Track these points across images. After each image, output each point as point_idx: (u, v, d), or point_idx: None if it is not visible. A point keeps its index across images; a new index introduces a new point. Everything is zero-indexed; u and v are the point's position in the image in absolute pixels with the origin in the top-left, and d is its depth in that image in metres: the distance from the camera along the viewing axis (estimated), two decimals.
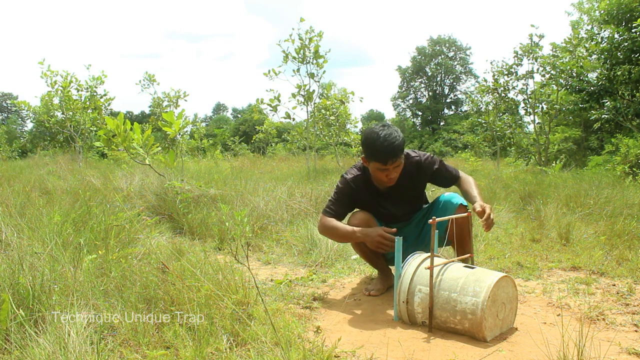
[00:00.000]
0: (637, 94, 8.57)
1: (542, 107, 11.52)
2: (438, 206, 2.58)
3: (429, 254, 2.26)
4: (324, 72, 9.48)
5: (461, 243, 2.50)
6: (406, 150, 2.54)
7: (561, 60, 10.04)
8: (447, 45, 45.08)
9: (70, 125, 11.92)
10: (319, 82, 9.56)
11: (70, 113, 11.73)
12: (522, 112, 12.83)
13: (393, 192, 2.58)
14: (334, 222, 2.54)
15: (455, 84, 45.56)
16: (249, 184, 5.81)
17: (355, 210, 2.63)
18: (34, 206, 3.79)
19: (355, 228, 2.47)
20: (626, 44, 8.57)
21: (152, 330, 1.90)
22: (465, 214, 2.34)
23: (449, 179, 2.59)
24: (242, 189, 5.26)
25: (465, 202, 2.51)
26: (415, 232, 2.69)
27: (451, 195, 2.57)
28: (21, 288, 1.96)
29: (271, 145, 20.59)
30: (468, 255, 2.36)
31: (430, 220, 2.13)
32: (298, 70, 9.42)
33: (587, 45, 9.66)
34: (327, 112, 11.08)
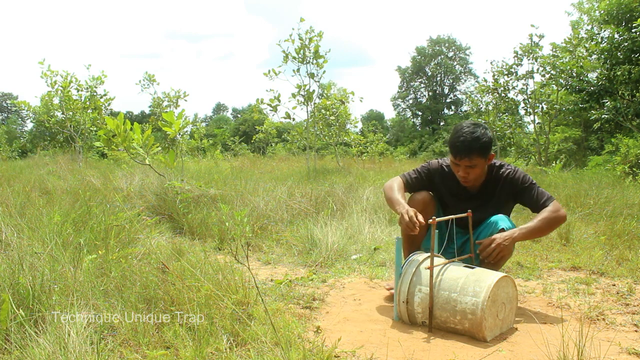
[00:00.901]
0: (637, 94, 8.57)
1: (542, 107, 11.52)
2: (486, 224, 2.51)
3: (429, 253, 2.27)
4: (324, 72, 9.49)
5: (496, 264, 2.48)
6: (501, 161, 2.52)
7: (561, 60, 10.04)
8: (446, 45, 45.10)
9: (70, 125, 11.92)
10: (319, 82, 9.56)
11: (70, 113, 11.73)
12: (522, 112, 12.84)
13: (477, 196, 2.50)
14: (397, 185, 2.50)
15: (455, 84, 45.59)
16: (249, 184, 5.81)
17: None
18: (34, 206, 3.79)
19: (402, 202, 2.39)
20: (626, 44, 8.57)
21: (152, 330, 1.90)
22: (465, 214, 2.33)
23: (535, 202, 2.42)
24: (242, 189, 5.26)
25: (507, 227, 2.38)
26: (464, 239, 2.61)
27: (500, 217, 2.44)
28: (21, 288, 1.96)
29: (271, 145, 20.60)
30: (468, 255, 2.36)
31: (430, 220, 2.12)
32: (298, 70, 9.42)
33: (587, 45, 9.66)
34: (327, 112, 11.08)
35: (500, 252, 2.26)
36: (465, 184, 2.47)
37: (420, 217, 2.25)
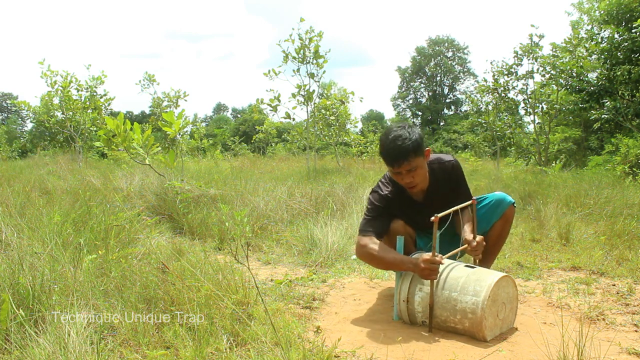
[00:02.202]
0: (637, 94, 8.57)
1: (542, 107, 11.53)
2: (489, 204, 2.45)
3: (429, 253, 2.27)
4: (324, 72, 9.51)
5: (497, 243, 2.51)
6: (438, 155, 2.43)
7: (561, 60, 10.04)
8: (446, 45, 45.14)
9: (70, 125, 11.93)
10: (319, 82, 9.58)
11: (70, 113, 11.73)
12: (522, 112, 12.85)
13: (428, 200, 2.40)
14: (376, 246, 2.27)
15: (454, 83, 45.62)
16: (249, 184, 5.81)
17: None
18: (34, 206, 3.79)
19: (404, 257, 2.22)
20: (626, 44, 8.58)
21: (152, 330, 1.90)
22: (470, 202, 2.30)
23: (467, 195, 2.41)
24: (242, 189, 5.26)
25: (514, 203, 2.45)
26: (449, 233, 2.56)
27: (502, 194, 2.45)
28: (21, 288, 1.96)
29: (271, 145, 20.62)
30: (464, 246, 2.30)
31: (433, 218, 2.08)
32: (298, 70, 9.43)
33: (587, 45, 9.66)
34: (327, 112, 11.09)
35: (480, 252, 2.27)
36: (413, 189, 2.33)
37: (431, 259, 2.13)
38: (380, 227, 2.36)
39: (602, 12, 9.98)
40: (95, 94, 12.14)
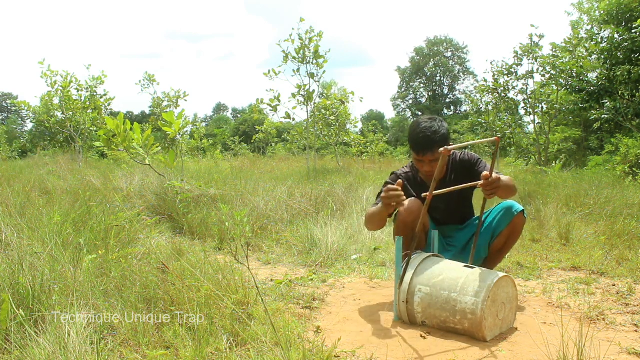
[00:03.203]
0: (637, 94, 8.58)
1: (542, 107, 11.52)
2: (496, 211, 2.49)
3: (429, 253, 2.27)
4: (324, 72, 9.51)
5: (501, 251, 2.52)
6: (454, 151, 2.51)
7: (561, 60, 10.04)
8: (444, 45, 45.16)
9: (70, 125, 11.93)
10: (319, 82, 9.58)
11: (70, 113, 11.74)
12: (522, 112, 12.84)
13: (442, 187, 2.41)
14: (370, 209, 2.41)
15: (454, 83, 45.63)
16: (249, 184, 5.81)
17: None
18: (34, 206, 3.79)
19: (377, 203, 2.32)
20: (626, 44, 8.58)
21: (152, 330, 1.90)
22: (494, 139, 2.23)
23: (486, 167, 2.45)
24: (242, 189, 5.26)
25: (524, 211, 2.43)
26: (464, 239, 2.62)
27: (511, 202, 2.47)
28: (21, 288, 1.96)
29: (271, 145, 20.62)
30: (480, 182, 2.17)
31: (442, 150, 1.98)
32: (298, 70, 9.43)
33: (587, 45, 9.66)
34: (327, 112, 11.09)
35: (496, 189, 2.18)
36: (429, 175, 2.49)
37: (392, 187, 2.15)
38: None
39: (602, 12, 9.98)
40: (95, 94, 12.15)
